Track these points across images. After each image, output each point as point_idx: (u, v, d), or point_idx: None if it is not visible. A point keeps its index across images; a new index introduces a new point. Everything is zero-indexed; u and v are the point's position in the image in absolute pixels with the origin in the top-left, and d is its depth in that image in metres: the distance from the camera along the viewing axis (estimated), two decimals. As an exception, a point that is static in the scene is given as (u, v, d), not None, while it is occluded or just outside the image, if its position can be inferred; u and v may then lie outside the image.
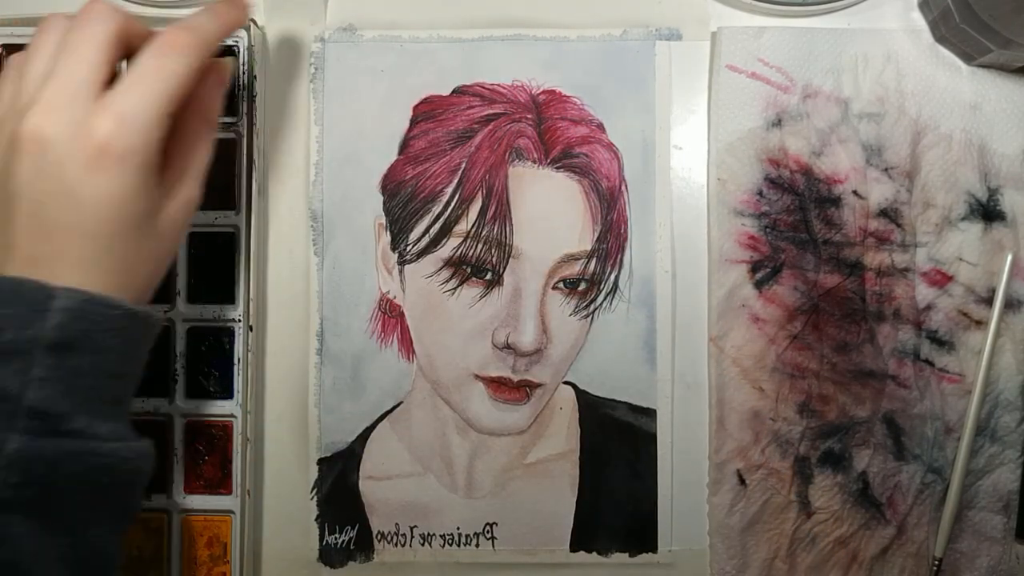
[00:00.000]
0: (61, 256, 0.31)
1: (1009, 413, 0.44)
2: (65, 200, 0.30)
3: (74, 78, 0.31)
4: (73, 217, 0.31)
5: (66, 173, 0.30)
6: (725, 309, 0.44)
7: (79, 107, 0.31)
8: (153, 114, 0.32)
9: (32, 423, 0.29)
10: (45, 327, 0.30)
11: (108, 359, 0.31)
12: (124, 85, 0.32)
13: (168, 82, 0.32)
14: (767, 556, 0.44)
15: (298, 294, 0.46)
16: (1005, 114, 0.44)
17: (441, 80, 0.46)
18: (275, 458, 0.46)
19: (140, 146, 0.31)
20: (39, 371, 0.29)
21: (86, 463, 0.30)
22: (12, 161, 0.31)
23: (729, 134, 0.45)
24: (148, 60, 0.32)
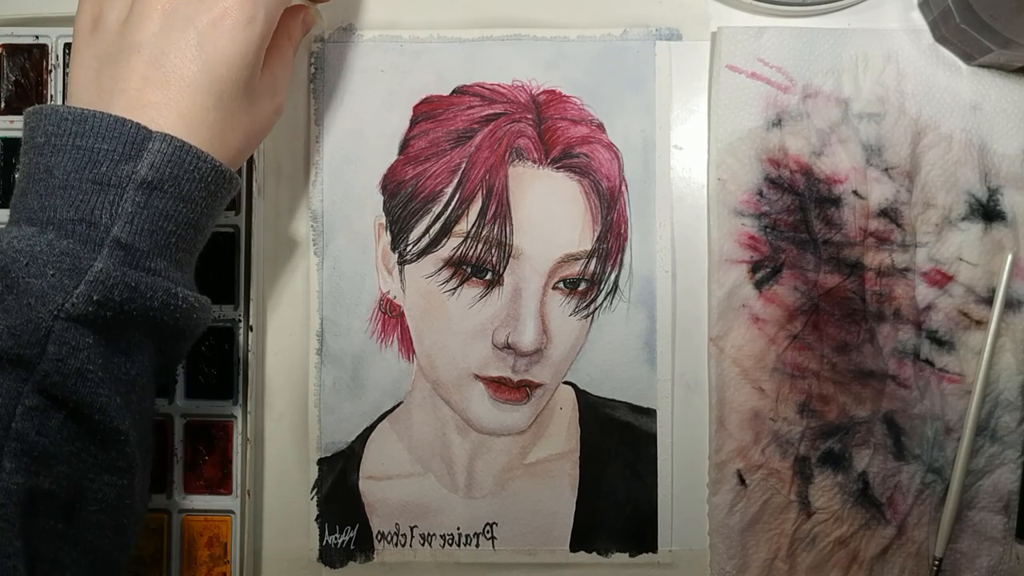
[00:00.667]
0: (169, 105, 0.33)
1: (1009, 413, 0.44)
2: (188, 52, 0.33)
3: None
4: (191, 70, 0.33)
5: (193, 28, 0.33)
6: (725, 309, 0.44)
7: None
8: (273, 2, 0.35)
9: (117, 251, 0.32)
10: (140, 165, 0.32)
11: (191, 207, 0.34)
12: None
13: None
14: (767, 556, 0.44)
15: (298, 294, 0.46)
16: (1005, 114, 0.44)
17: (441, 80, 0.46)
18: (275, 458, 0.46)
19: (262, 17, 0.35)
20: (128, 206, 0.32)
21: (160, 300, 0.33)
22: (140, 16, 0.34)
23: (729, 134, 0.45)
24: None
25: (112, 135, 0.32)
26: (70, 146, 0.32)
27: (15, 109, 0.45)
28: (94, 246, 0.32)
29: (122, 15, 0.35)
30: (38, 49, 0.45)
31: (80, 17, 0.36)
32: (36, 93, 0.45)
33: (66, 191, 0.32)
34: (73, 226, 0.32)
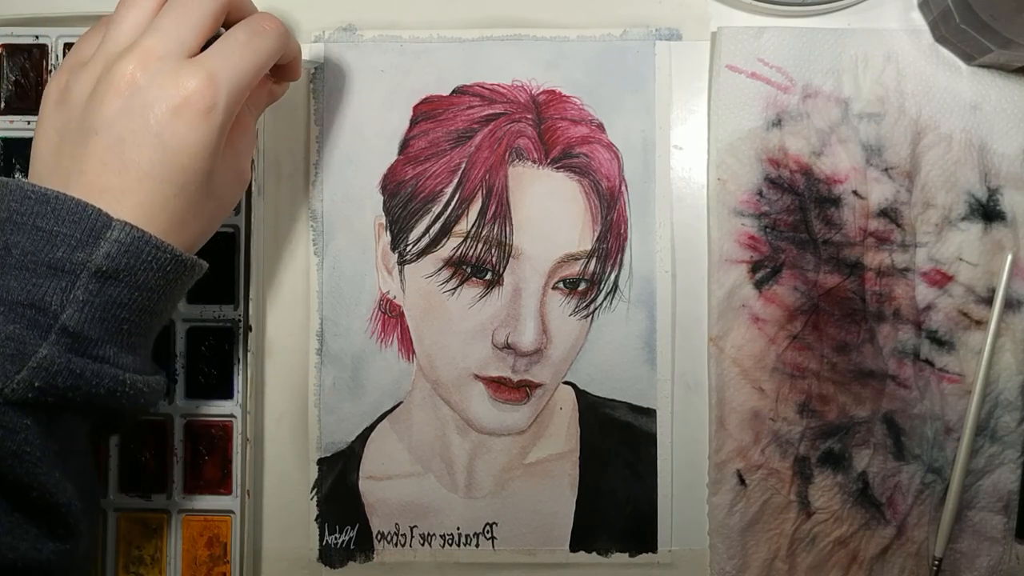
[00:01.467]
0: (127, 193, 0.33)
1: (1009, 413, 0.44)
2: (146, 140, 0.33)
3: (175, 35, 0.34)
4: (150, 158, 0.33)
5: (152, 115, 0.33)
6: (725, 309, 0.44)
7: (174, 61, 0.33)
8: (240, 81, 0.34)
9: (63, 339, 0.32)
10: (95, 254, 0.32)
11: (146, 296, 0.33)
12: (218, 50, 0.34)
13: (258, 57, 0.35)
14: (767, 556, 0.44)
15: (298, 294, 0.46)
16: (1005, 114, 0.44)
17: (441, 80, 0.46)
18: (275, 458, 0.46)
19: (223, 107, 0.34)
20: (80, 293, 0.32)
21: (106, 388, 0.33)
22: (101, 97, 0.33)
23: (729, 134, 0.45)
24: (243, 34, 0.35)
25: (72, 219, 0.32)
26: (30, 226, 0.32)
27: (15, 109, 0.45)
28: (41, 332, 0.31)
29: (86, 91, 0.34)
30: (38, 49, 0.45)
31: (50, 85, 0.36)
32: (36, 93, 0.45)
33: (20, 272, 0.32)
34: (23, 310, 0.31)
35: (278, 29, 0.37)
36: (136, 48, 0.33)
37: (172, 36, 0.34)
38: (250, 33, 0.35)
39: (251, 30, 0.36)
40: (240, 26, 0.36)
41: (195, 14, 0.34)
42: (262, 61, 0.36)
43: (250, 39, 0.35)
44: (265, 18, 0.37)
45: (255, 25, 0.36)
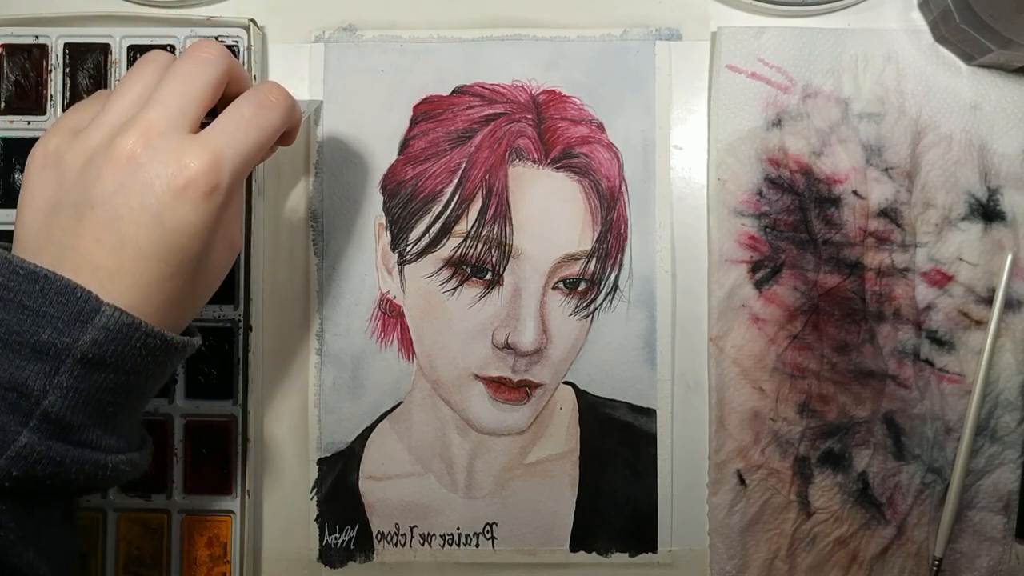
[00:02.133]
0: (122, 272, 0.31)
1: (1009, 413, 0.44)
2: (144, 219, 0.31)
3: (177, 108, 0.32)
4: (147, 238, 0.31)
5: (152, 195, 0.31)
6: (725, 309, 0.44)
7: (176, 137, 0.32)
8: (244, 160, 0.33)
9: (45, 425, 0.30)
10: (82, 339, 0.30)
11: (135, 379, 0.32)
12: (222, 126, 0.33)
13: (262, 133, 0.34)
14: (767, 556, 0.44)
15: (298, 294, 0.46)
16: (1005, 114, 0.44)
17: (441, 80, 0.46)
18: (275, 458, 0.46)
19: (225, 187, 0.32)
20: (64, 379, 0.30)
21: (86, 472, 0.31)
22: (99, 171, 0.31)
23: (729, 134, 0.45)
24: (248, 109, 0.34)
25: (60, 300, 0.30)
26: (17, 303, 0.30)
27: (15, 109, 0.45)
28: (22, 417, 0.30)
29: (81, 162, 0.32)
30: (38, 49, 0.45)
31: (37, 148, 0.34)
32: (36, 93, 0.45)
33: (4, 352, 0.30)
34: (4, 392, 0.30)
35: (285, 102, 0.35)
36: (138, 122, 0.32)
37: (174, 109, 0.32)
38: (256, 107, 0.34)
39: (257, 103, 0.34)
40: (246, 99, 0.34)
41: (197, 85, 0.33)
42: (268, 137, 0.34)
43: (256, 114, 0.34)
44: (272, 89, 0.35)
45: (262, 97, 0.35)
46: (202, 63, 0.34)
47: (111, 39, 0.45)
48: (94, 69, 0.45)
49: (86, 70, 0.45)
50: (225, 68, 0.34)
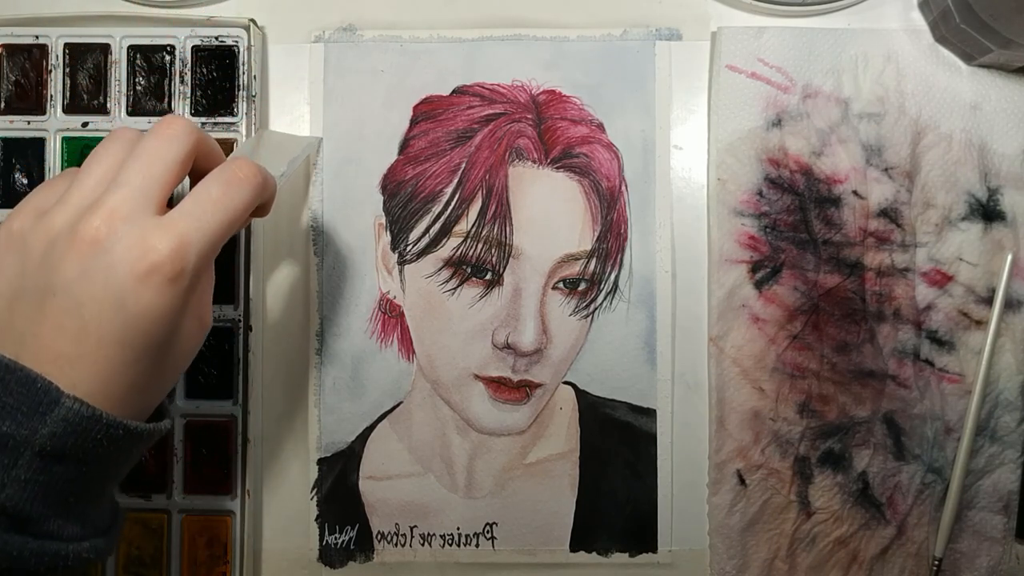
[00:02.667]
0: (84, 359, 0.30)
1: (1009, 413, 0.44)
2: (107, 306, 0.30)
3: (142, 190, 0.31)
4: (110, 324, 0.30)
5: (115, 280, 0.30)
6: (725, 309, 0.44)
7: (141, 220, 0.31)
8: (210, 242, 0.32)
9: (2, 518, 0.29)
10: (40, 432, 0.29)
11: (97, 469, 0.31)
12: (189, 207, 0.32)
13: (230, 214, 0.32)
14: (767, 556, 0.44)
15: (298, 294, 0.46)
16: (1005, 114, 0.44)
17: (441, 80, 0.46)
18: (275, 458, 0.46)
19: (191, 271, 0.31)
20: (22, 472, 0.29)
21: (46, 562, 0.30)
22: (61, 256, 0.30)
23: (729, 134, 0.45)
24: (215, 188, 0.33)
25: (19, 390, 0.29)
26: None
27: (15, 109, 0.45)
28: None
29: (41, 245, 0.31)
30: (38, 49, 0.45)
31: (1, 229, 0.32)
32: (36, 93, 0.45)
33: None
34: None
35: (254, 178, 0.34)
36: (101, 205, 0.31)
37: (138, 191, 0.31)
38: (224, 186, 0.33)
39: (225, 181, 0.33)
40: (213, 178, 0.33)
41: (161, 165, 0.32)
42: (236, 216, 0.33)
43: (224, 194, 0.32)
44: (241, 166, 0.33)
45: (230, 175, 0.33)
46: (167, 141, 0.32)
47: (111, 39, 0.45)
48: (94, 69, 0.45)
49: (86, 70, 0.45)
50: (191, 144, 0.33)
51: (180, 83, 0.45)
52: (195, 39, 0.45)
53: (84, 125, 0.45)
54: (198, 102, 0.45)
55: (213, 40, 0.45)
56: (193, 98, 0.45)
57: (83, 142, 0.45)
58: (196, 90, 0.45)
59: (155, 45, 0.45)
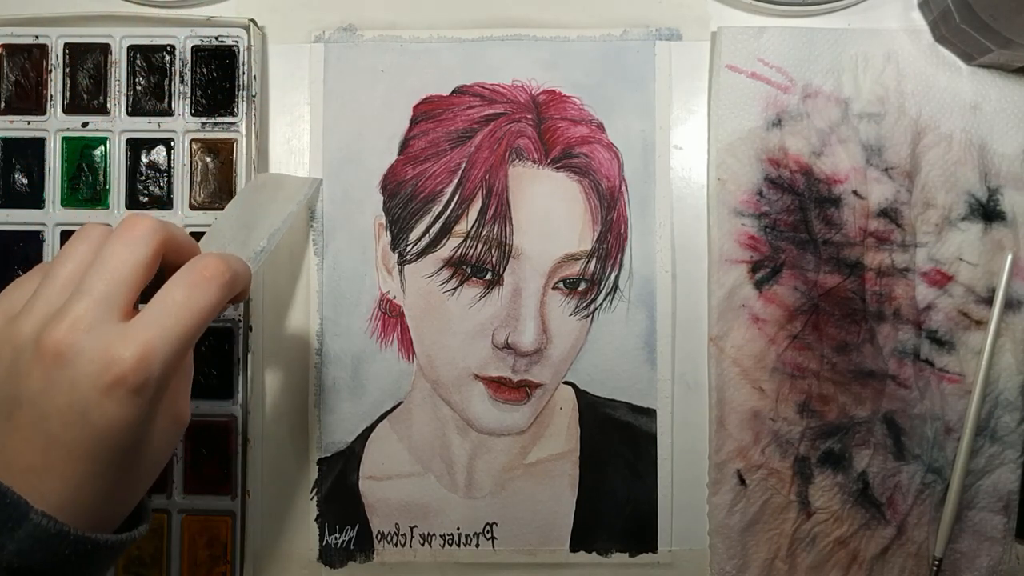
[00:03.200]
0: (51, 472, 0.30)
1: (1009, 413, 0.44)
2: (72, 418, 0.29)
3: (105, 297, 0.31)
4: (75, 436, 0.30)
5: (79, 393, 0.29)
6: (725, 309, 0.44)
7: (105, 329, 0.30)
8: (176, 349, 0.31)
9: None
10: (7, 548, 0.28)
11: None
12: (153, 314, 0.31)
13: (196, 317, 0.32)
14: (767, 556, 0.44)
15: (298, 294, 0.46)
16: (1005, 114, 0.44)
17: (441, 80, 0.46)
18: (275, 458, 0.46)
19: (157, 379, 0.30)
20: None
21: None
22: (27, 368, 0.30)
23: (729, 134, 0.45)
24: (180, 291, 0.32)
25: None
26: None
27: (15, 109, 0.45)
28: None
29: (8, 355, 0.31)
30: (38, 49, 0.45)
31: None
32: (36, 93, 0.45)
33: None
34: None
35: (221, 277, 0.32)
36: (64, 315, 0.30)
37: (101, 299, 0.30)
38: (189, 288, 0.32)
39: (191, 283, 0.32)
40: (178, 280, 0.32)
41: (125, 269, 0.31)
42: (204, 318, 0.32)
43: (189, 297, 0.31)
44: (208, 265, 0.32)
45: (195, 276, 0.32)
46: (131, 244, 0.32)
47: (111, 39, 0.45)
48: (94, 69, 0.45)
49: (86, 70, 0.45)
50: (157, 245, 0.32)
51: (180, 83, 0.45)
52: (195, 39, 0.45)
53: (84, 125, 0.45)
54: (198, 102, 0.45)
55: (213, 40, 0.45)
56: (193, 98, 0.45)
57: (83, 142, 0.45)
58: (196, 90, 0.45)
59: (155, 45, 0.45)
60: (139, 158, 0.45)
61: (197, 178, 0.45)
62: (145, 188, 0.45)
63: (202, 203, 0.45)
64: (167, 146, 0.45)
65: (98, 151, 0.45)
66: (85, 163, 0.45)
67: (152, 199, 0.45)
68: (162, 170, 0.45)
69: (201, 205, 0.45)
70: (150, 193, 0.45)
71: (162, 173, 0.45)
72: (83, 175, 0.45)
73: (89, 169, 0.45)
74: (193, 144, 0.45)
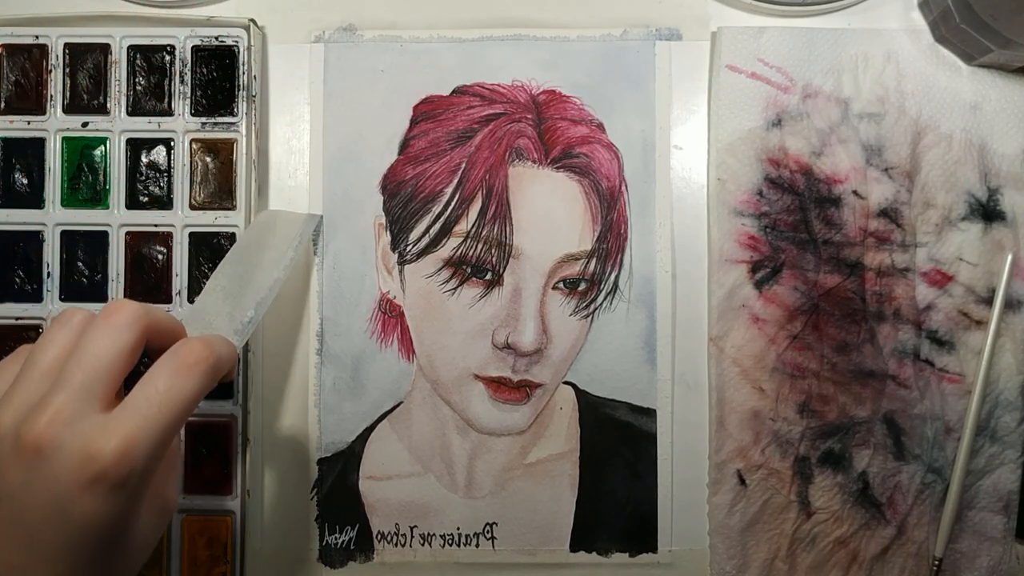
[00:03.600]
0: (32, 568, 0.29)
1: (1009, 413, 0.44)
2: (52, 514, 0.29)
3: (85, 388, 0.30)
4: (56, 533, 0.29)
5: (59, 488, 0.29)
6: (725, 309, 0.44)
7: (86, 422, 0.29)
8: (159, 440, 0.30)
9: None
10: None
11: None
12: (135, 404, 0.30)
13: (180, 407, 0.31)
14: (767, 556, 0.44)
15: (298, 294, 0.46)
16: (1005, 114, 0.44)
17: (441, 80, 0.46)
18: (275, 458, 0.46)
19: (139, 472, 0.30)
20: None
21: None
22: (5, 462, 0.29)
23: (729, 134, 0.45)
24: (162, 380, 0.31)
25: None
26: None
27: (15, 109, 0.45)
28: None
29: None
30: (38, 49, 0.45)
31: None
32: (36, 93, 0.45)
33: None
34: None
35: (204, 363, 0.31)
36: (44, 409, 0.29)
37: (81, 390, 0.30)
38: (172, 377, 0.31)
39: (173, 371, 0.31)
40: (160, 368, 0.31)
41: (106, 358, 0.30)
42: (187, 408, 0.31)
43: (171, 386, 0.31)
44: (191, 351, 0.32)
45: (178, 364, 0.31)
46: (111, 332, 0.31)
47: (111, 39, 0.45)
48: (94, 69, 0.45)
49: (86, 70, 0.45)
50: (139, 331, 0.31)
51: (180, 83, 0.45)
52: (195, 39, 0.45)
53: (84, 125, 0.45)
54: (198, 102, 0.45)
55: (213, 40, 0.45)
56: (193, 98, 0.45)
57: (83, 142, 0.45)
58: (196, 90, 0.45)
59: (155, 45, 0.45)
60: (139, 158, 0.45)
61: (197, 178, 0.45)
62: (145, 188, 0.45)
63: (202, 203, 0.45)
64: (167, 146, 0.45)
65: (98, 151, 0.45)
66: (85, 163, 0.45)
67: (152, 199, 0.45)
68: (162, 170, 0.45)
69: (201, 205, 0.45)
70: (150, 193, 0.45)
71: (162, 173, 0.45)
72: (83, 175, 0.45)
73: (89, 169, 0.45)
74: (193, 144, 0.45)
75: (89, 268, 0.45)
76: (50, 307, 0.45)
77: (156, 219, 0.45)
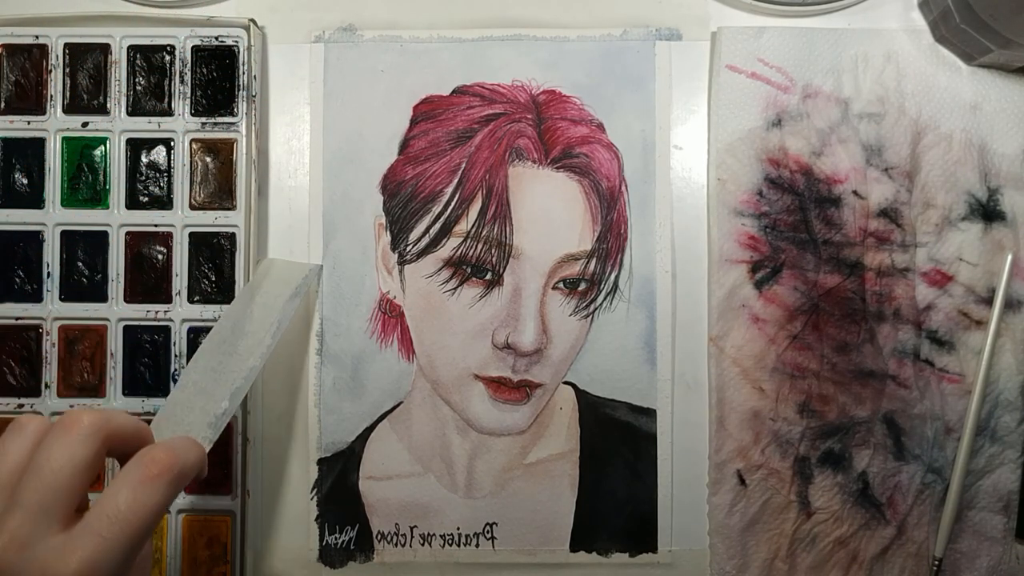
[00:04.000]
0: None
1: (1009, 413, 0.44)
2: None
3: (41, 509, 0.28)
4: None
5: None
6: (725, 309, 0.44)
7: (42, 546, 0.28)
8: (121, 559, 0.29)
9: None
10: None
11: None
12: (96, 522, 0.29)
13: (143, 522, 0.29)
14: (767, 556, 0.44)
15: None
16: (1005, 114, 0.44)
17: (441, 80, 0.46)
18: (275, 458, 0.46)
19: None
20: None
21: None
22: None
23: (729, 134, 0.45)
24: (124, 494, 0.29)
25: None
26: None
27: (15, 109, 0.45)
28: None
29: None
30: (38, 49, 0.45)
31: None
32: (36, 93, 0.45)
33: None
34: None
35: (169, 473, 0.30)
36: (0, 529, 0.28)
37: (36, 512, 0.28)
38: (134, 490, 0.29)
39: (137, 483, 0.29)
40: (122, 480, 0.30)
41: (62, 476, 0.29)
42: (152, 521, 0.29)
43: (134, 500, 0.29)
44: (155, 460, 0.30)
45: (141, 475, 0.30)
46: (70, 445, 0.29)
47: (111, 39, 0.45)
48: (94, 69, 0.45)
49: (86, 70, 0.45)
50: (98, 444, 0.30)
51: (180, 83, 0.45)
52: (195, 39, 0.45)
53: (84, 125, 0.45)
54: (198, 102, 0.45)
55: (213, 40, 0.45)
56: (193, 98, 0.45)
57: (83, 142, 0.45)
58: (196, 90, 0.45)
59: (155, 45, 0.45)
60: (139, 158, 0.45)
61: (197, 178, 0.45)
62: (145, 188, 0.45)
63: (202, 203, 0.45)
64: (167, 146, 0.45)
65: (98, 151, 0.45)
66: (85, 163, 0.45)
67: (152, 199, 0.45)
68: (162, 170, 0.45)
69: (201, 205, 0.45)
70: (150, 193, 0.45)
71: (162, 173, 0.45)
72: (83, 175, 0.45)
73: (89, 169, 0.45)
74: (193, 144, 0.45)
75: (89, 268, 0.45)
76: (50, 307, 0.45)
77: (156, 219, 0.45)
